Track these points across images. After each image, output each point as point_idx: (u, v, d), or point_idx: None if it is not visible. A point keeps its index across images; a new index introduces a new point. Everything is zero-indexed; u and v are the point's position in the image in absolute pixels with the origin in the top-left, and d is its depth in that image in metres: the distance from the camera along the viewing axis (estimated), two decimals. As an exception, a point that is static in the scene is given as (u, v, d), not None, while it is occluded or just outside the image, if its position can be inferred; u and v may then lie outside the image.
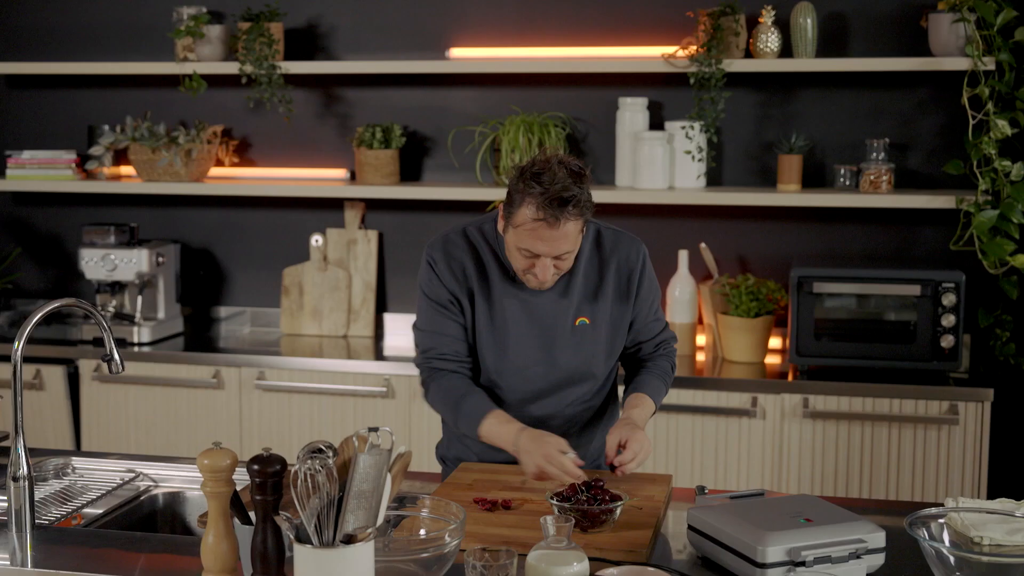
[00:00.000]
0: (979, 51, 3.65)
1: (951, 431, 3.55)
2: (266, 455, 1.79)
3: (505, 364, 2.57)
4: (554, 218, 2.33)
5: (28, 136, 4.66)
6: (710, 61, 3.82)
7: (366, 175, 4.24)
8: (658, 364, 2.67)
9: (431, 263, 2.56)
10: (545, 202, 2.33)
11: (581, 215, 2.37)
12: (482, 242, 2.56)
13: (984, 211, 3.69)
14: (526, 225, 2.37)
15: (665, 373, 2.67)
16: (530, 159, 2.42)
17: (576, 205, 2.34)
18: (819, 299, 3.71)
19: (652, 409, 2.59)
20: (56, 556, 2.12)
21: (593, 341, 2.57)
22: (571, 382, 2.59)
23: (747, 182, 4.13)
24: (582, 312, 2.56)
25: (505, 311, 2.54)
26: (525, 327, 2.54)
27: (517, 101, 4.20)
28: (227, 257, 4.58)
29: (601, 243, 2.59)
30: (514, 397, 2.59)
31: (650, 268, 2.65)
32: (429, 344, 2.58)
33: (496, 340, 2.55)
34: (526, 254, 2.41)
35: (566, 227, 2.36)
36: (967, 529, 2.02)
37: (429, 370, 2.58)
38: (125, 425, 4.10)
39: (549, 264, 2.42)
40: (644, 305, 2.64)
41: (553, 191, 2.32)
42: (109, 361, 2.36)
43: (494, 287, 2.55)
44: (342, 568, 1.68)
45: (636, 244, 2.62)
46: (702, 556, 2.10)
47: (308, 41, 4.38)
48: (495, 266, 2.55)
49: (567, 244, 2.39)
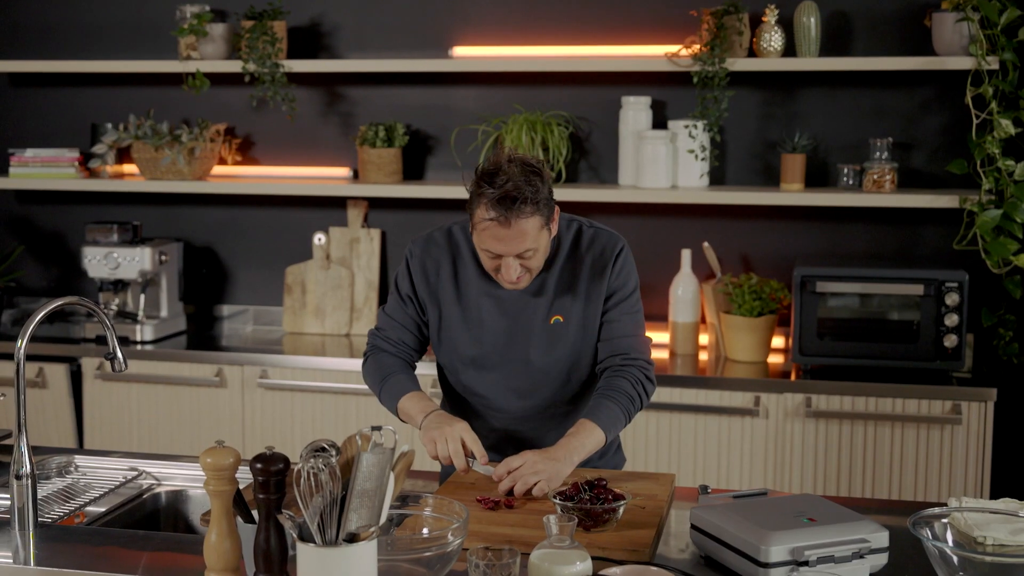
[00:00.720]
0: (983, 50, 3.65)
1: (954, 431, 3.55)
2: (269, 453, 1.79)
3: (479, 362, 2.56)
4: (504, 217, 2.31)
5: (31, 134, 4.66)
6: (713, 60, 3.82)
7: (369, 174, 4.24)
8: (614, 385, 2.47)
9: (408, 257, 2.60)
10: (495, 201, 2.31)
11: (536, 212, 2.34)
12: (463, 240, 2.57)
13: (987, 211, 3.68)
14: (481, 225, 2.36)
15: (622, 394, 2.46)
16: (485, 159, 2.41)
17: (528, 203, 2.31)
18: (822, 298, 3.71)
19: (596, 436, 2.40)
20: (59, 554, 2.12)
21: (567, 340, 2.53)
22: (547, 383, 2.56)
23: (750, 181, 4.13)
24: (557, 310, 2.52)
25: (481, 309, 2.54)
26: (499, 324, 2.53)
27: (520, 100, 4.20)
28: (230, 255, 4.58)
29: (579, 241, 2.55)
30: (489, 402, 2.58)
31: (628, 265, 2.55)
32: (382, 324, 2.64)
33: (471, 338, 2.55)
34: (489, 255, 2.40)
35: (521, 225, 2.33)
36: (970, 529, 2.02)
37: (372, 346, 2.64)
38: (128, 423, 4.10)
39: (514, 264, 2.38)
40: (614, 301, 2.53)
41: (503, 190, 2.30)
42: (112, 359, 2.36)
43: (470, 285, 2.55)
44: (345, 567, 1.68)
45: (613, 239, 2.56)
46: (705, 555, 2.10)
47: (311, 40, 4.38)
48: (472, 264, 2.55)
49: (526, 242, 2.35)
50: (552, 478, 2.32)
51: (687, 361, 3.93)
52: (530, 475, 2.31)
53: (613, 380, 2.49)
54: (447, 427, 2.39)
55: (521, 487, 2.31)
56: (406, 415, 2.53)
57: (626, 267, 2.55)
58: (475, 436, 2.40)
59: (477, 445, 2.38)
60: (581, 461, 2.40)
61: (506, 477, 2.33)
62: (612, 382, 2.49)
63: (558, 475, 2.33)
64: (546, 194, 2.36)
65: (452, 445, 2.37)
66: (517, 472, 2.33)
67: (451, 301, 2.56)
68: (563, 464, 2.35)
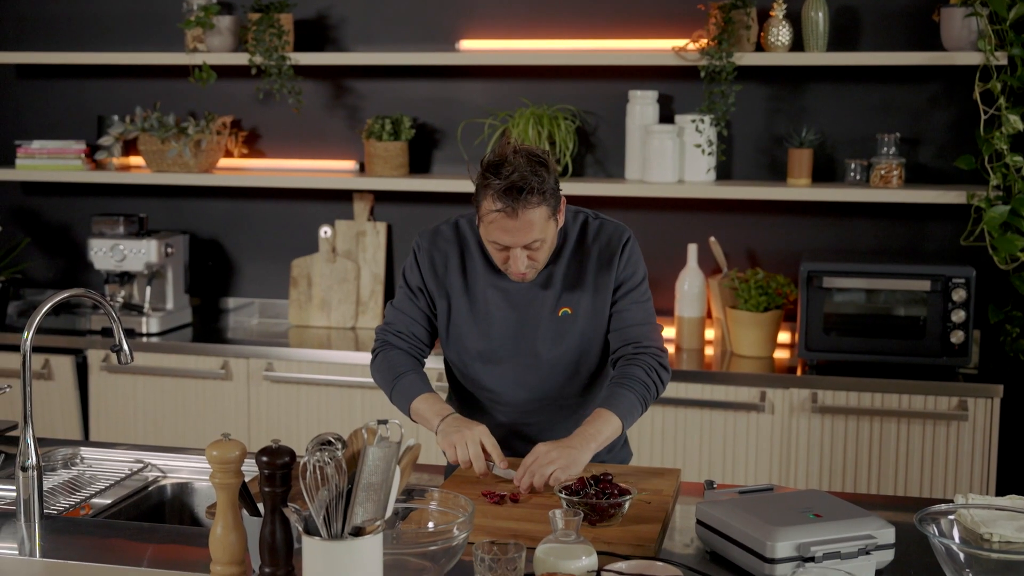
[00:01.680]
0: (991, 46, 3.64)
1: (960, 427, 3.54)
2: (275, 446, 1.79)
3: (487, 356, 2.56)
4: (511, 208, 2.32)
5: (38, 126, 4.66)
6: (721, 54, 3.81)
7: (375, 167, 4.23)
8: (628, 373, 2.46)
9: (415, 250, 2.60)
10: (501, 192, 2.32)
11: (543, 202, 2.35)
12: (470, 233, 2.57)
13: (995, 206, 3.68)
14: (488, 217, 2.37)
15: (637, 381, 2.45)
16: (491, 150, 2.40)
17: (534, 193, 2.32)
18: (828, 294, 3.70)
19: (613, 424, 2.39)
20: (64, 546, 2.12)
21: (576, 332, 2.54)
22: (555, 376, 2.56)
23: (757, 176, 4.12)
24: (565, 302, 2.53)
25: (488, 302, 2.54)
26: (507, 317, 2.53)
27: (527, 93, 4.19)
28: (236, 248, 4.58)
29: (585, 232, 2.55)
30: (498, 396, 2.58)
31: (635, 255, 2.55)
32: (391, 319, 2.63)
33: (479, 331, 2.55)
34: (496, 247, 2.41)
35: (527, 215, 2.34)
36: (977, 526, 2.02)
37: (382, 342, 2.62)
38: (133, 415, 4.10)
39: (521, 255, 2.39)
40: (623, 291, 2.54)
41: (509, 181, 2.31)
42: (118, 351, 2.36)
43: (477, 278, 2.55)
44: (350, 560, 1.68)
45: (620, 229, 2.56)
46: (710, 551, 2.09)
47: (318, 32, 4.38)
48: (480, 257, 2.55)
49: (533, 233, 2.36)
50: (568, 466, 2.29)
51: (693, 356, 3.92)
52: (545, 465, 2.29)
53: (627, 368, 2.48)
54: (466, 431, 2.39)
55: (539, 480, 2.28)
56: (420, 417, 2.52)
57: (633, 257, 2.55)
58: (494, 440, 2.39)
59: (496, 449, 2.38)
60: (599, 449, 2.38)
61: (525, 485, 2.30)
62: (626, 371, 2.48)
63: (574, 462, 2.31)
64: (552, 184, 2.37)
65: (472, 449, 2.36)
66: (533, 466, 2.31)
67: (459, 294, 2.56)
68: (579, 451, 2.32)
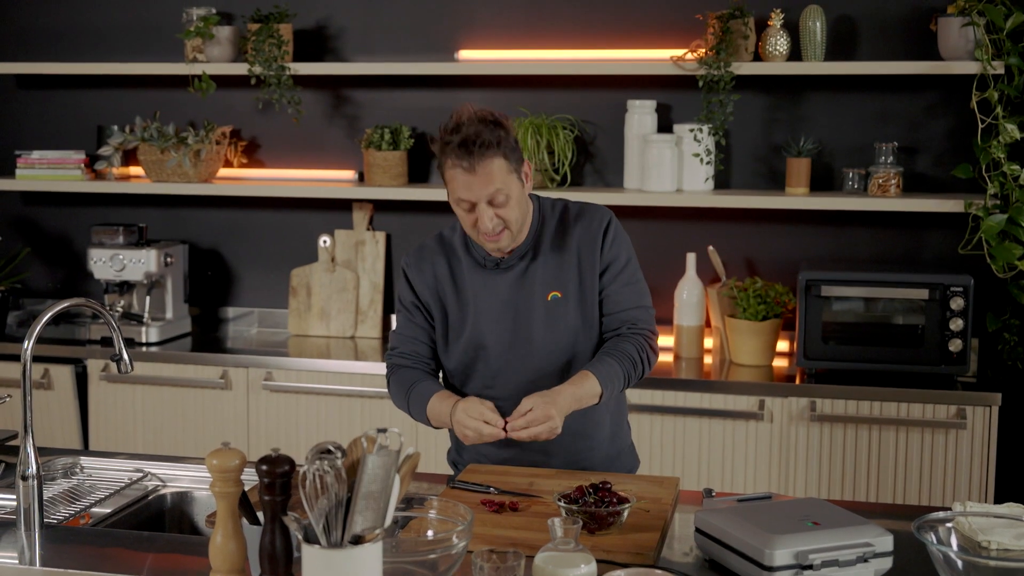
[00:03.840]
0: (988, 55, 3.65)
1: (959, 435, 3.55)
2: (275, 455, 1.79)
3: (484, 352, 2.58)
4: (468, 161, 2.40)
5: (37, 136, 4.67)
6: (719, 64, 3.82)
7: (374, 176, 4.24)
8: (618, 346, 2.54)
9: (405, 269, 2.66)
10: (458, 147, 2.41)
11: (499, 155, 2.42)
12: (454, 239, 2.64)
13: (993, 215, 3.68)
14: (449, 174, 2.45)
15: (625, 355, 2.52)
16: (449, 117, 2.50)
17: (489, 147, 2.40)
18: (827, 302, 3.71)
19: (593, 389, 2.47)
20: (64, 555, 2.12)
21: (568, 315, 2.57)
22: (551, 364, 2.57)
23: (755, 185, 4.13)
24: (554, 287, 2.57)
25: (479, 297, 2.58)
26: (499, 308, 2.57)
27: (525, 103, 4.20)
28: (235, 258, 4.59)
29: (566, 216, 2.61)
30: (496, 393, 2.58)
31: (620, 236, 2.60)
32: (394, 344, 2.69)
33: (473, 327, 2.58)
34: (464, 206, 2.46)
35: (486, 167, 2.41)
36: (975, 533, 2.02)
37: (390, 365, 2.68)
38: (133, 425, 4.10)
39: (487, 211, 2.44)
40: (611, 273, 2.58)
41: (463, 135, 2.40)
42: (118, 361, 2.37)
43: (466, 277, 2.60)
44: (350, 569, 1.69)
45: (601, 211, 2.61)
46: (709, 559, 2.10)
47: (317, 42, 4.39)
48: (466, 258, 2.61)
49: (493, 182, 2.42)
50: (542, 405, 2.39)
51: (692, 365, 3.93)
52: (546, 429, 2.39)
53: (618, 342, 2.55)
54: (463, 416, 2.44)
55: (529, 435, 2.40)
56: (437, 420, 2.56)
57: (618, 237, 2.60)
58: (487, 405, 2.45)
59: (493, 413, 2.43)
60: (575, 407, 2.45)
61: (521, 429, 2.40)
62: (617, 343, 2.55)
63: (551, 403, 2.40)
64: (511, 142, 2.45)
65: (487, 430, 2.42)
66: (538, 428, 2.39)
67: (452, 296, 2.61)
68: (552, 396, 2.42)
